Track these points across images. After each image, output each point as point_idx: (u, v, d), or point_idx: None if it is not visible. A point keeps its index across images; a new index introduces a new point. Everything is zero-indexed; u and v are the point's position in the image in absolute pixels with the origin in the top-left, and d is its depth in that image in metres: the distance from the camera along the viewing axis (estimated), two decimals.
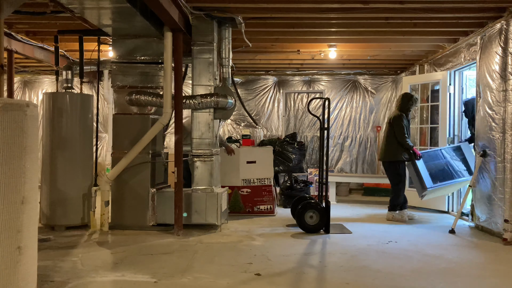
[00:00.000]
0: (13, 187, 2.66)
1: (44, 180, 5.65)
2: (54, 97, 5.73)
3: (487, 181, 5.64)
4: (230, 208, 6.68)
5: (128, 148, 5.58)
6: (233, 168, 6.82)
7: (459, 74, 7.14)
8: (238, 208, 6.82)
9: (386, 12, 5.57)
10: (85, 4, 4.60)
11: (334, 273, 3.97)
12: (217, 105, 5.62)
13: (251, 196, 6.83)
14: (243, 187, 6.84)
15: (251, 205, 6.84)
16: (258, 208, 6.83)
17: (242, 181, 6.85)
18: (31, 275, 2.86)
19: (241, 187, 6.84)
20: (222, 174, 6.52)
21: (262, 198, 6.84)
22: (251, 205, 6.84)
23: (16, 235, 2.68)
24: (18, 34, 6.76)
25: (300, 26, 6.33)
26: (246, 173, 6.86)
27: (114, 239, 5.18)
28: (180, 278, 3.75)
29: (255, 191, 6.84)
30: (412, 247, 4.95)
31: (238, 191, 6.83)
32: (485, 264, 4.40)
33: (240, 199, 6.82)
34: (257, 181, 6.85)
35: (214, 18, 5.68)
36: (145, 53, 5.81)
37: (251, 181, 6.86)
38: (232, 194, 6.76)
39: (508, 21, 5.28)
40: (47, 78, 10.23)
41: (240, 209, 6.81)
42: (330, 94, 9.92)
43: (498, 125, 5.40)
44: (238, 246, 4.88)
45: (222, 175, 6.52)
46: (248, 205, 6.83)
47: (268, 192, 6.85)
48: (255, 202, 6.85)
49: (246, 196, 6.83)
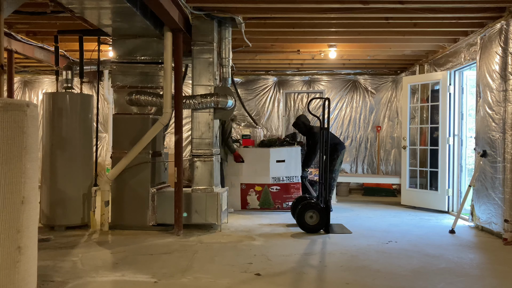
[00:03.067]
0: (13, 187, 2.66)
1: (44, 180, 5.65)
2: (54, 97, 5.73)
3: (487, 181, 5.64)
4: (260, 205, 7.18)
5: (128, 148, 5.58)
6: (263, 167, 7.20)
7: (459, 74, 7.14)
8: (268, 205, 7.16)
9: (386, 12, 5.57)
10: (85, 4, 4.60)
11: (334, 273, 3.97)
12: (217, 105, 5.63)
13: (280, 193, 7.18)
14: (273, 184, 7.19)
15: (281, 201, 7.15)
16: (287, 204, 7.11)
17: (272, 179, 7.19)
18: (31, 275, 2.86)
19: (271, 184, 7.19)
20: (253, 173, 7.18)
21: (291, 195, 7.16)
22: (281, 202, 7.15)
23: (16, 235, 2.68)
24: (18, 34, 6.77)
25: (300, 26, 6.33)
26: (276, 171, 7.20)
27: (114, 239, 5.18)
28: (180, 278, 3.75)
29: (284, 188, 7.19)
30: (412, 247, 4.95)
31: (268, 188, 7.15)
32: (485, 264, 4.40)
33: (270, 196, 7.15)
34: (286, 178, 7.19)
35: (214, 18, 5.69)
36: (145, 53, 5.81)
37: (280, 178, 7.19)
38: (262, 192, 7.11)
39: (508, 21, 5.28)
40: (47, 78, 10.23)
41: (270, 205, 7.14)
42: (330, 94, 9.92)
43: (498, 125, 5.40)
44: (238, 246, 4.88)
45: (253, 173, 7.18)
46: (277, 201, 7.15)
47: (296, 189, 7.17)
48: (284, 199, 7.17)
49: (275, 193, 7.16)
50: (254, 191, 7.16)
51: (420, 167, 8.03)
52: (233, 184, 7.20)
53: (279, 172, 7.19)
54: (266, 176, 7.18)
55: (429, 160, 7.68)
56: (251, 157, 7.24)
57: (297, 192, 7.13)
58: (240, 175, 7.19)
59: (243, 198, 7.20)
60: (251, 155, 7.26)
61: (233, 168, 7.23)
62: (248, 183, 7.18)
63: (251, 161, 7.20)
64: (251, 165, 7.19)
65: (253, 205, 7.17)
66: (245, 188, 7.16)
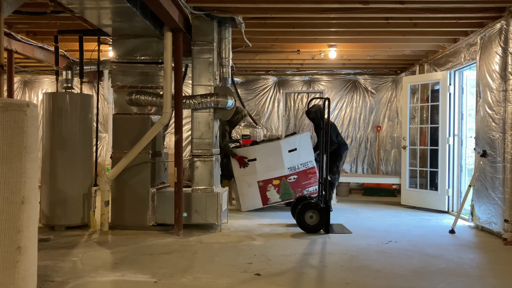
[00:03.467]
0: (13, 187, 2.66)
1: (44, 180, 5.65)
2: (54, 97, 5.73)
3: (487, 181, 5.64)
4: (281, 197, 7.07)
5: (128, 148, 5.58)
6: (277, 160, 7.09)
7: (459, 74, 7.14)
8: (289, 195, 7.06)
9: (386, 12, 5.57)
10: (85, 4, 4.60)
11: (334, 273, 3.97)
12: (217, 105, 5.63)
13: (299, 181, 7.10)
14: (289, 175, 7.10)
15: (301, 189, 7.10)
16: (308, 190, 7.08)
17: (287, 169, 7.09)
18: (31, 275, 2.86)
19: (288, 175, 7.10)
20: (267, 168, 7.05)
21: (309, 181, 7.10)
22: (301, 189, 7.10)
23: (16, 235, 2.68)
24: (18, 34, 6.77)
25: (300, 26, 6.33)
26: (290, 161, 7.12)
27: (114, 239, 5.18)
28: (180, 278, 3.75)
29: (301, 176, 7.11)
30: (412, 247, 4.95)
31: (286, 179, 7.09)
32: (485, 264, 4.40)
33: (289, 187, 7.08)
34: (301, 166, 7.12)
35: (214, 18, 5.69)
36: (145, 53, 5.81)
37: (296, 167, 7.12)
38: (280, 185, 7.06)
39: (508, 21, 5.28)
40: (47, 78, 10.23)
41: (291, 196, 7.04)
42: (330, 94, 9.92)
43: (498, 125, 5.40)
44: (238, 246, 4.88)
45: (267, 169, 7.05)
46: (297, 190, 7.09)
47: (313, 174, 7.12)
48: (303, 186, 7.11)
49: (294, 182, 7.10)
50: (272, 185, 7.08)
51: (420, 167, 8.03)
52: (250, 183, 7.05)
53: (293, 161, 7.10)
54: (281, 169, 7.07)
55: (429, 160, 7.69)
56: (262, 153, 7.12)
57: (315, 177, 7.04)
58: (255, 174, 7.05)
59: (263, 195, 7.07)
60: (262, 152, 7.14)
61: (246, 168, 7.06)
62: (265, 179, 7.05)
63: (263, 157, 7.09)
64: (263, 161, 7.07)
65: (273, 200, 7.08)
66: (263, 185, 7.06)
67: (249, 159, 7.08)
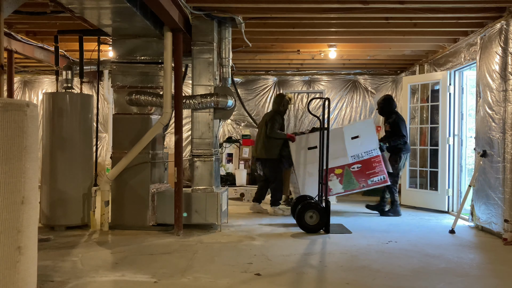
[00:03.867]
0: (13, 187, 2.66)
1: (44, 180, 5.65)
2: (54, 97, 5.73)
3: (487, 181, 5.63)
4: (344, 188, 6.67)
5: (128, 148, 5.58)
6: (339, 147, 6.64)
7: (459, 74, 7.14)
8: (352, 186, 6.68)
9: (386, 12, 5.57)
10: (85, 4, 4.60)
11: (334, 273, 3.97)
12: (217, 105, 5.63)
13: (363, 171, 6.67)
14: (353, 163, 6.68)
15: (365, 179, 6.69)
16: (373, 181, 6.67)
17: (351, 158, 6.66)
18: (31, 275, 2.86)
19: (351, 164, 6.68)
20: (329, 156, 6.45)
21: (374, 170, 6.66)
22: (365, 179, 6.69)
23: (16, 235, 2.68)
24: (18, 34, 6.76)
25: (300, 26, 6.33)
26: (353, 149, 6.68)
27: (114, 239, 5.18)
28: (180, 278, 3.75)
29: (365, 164, 6.67)
30: (412, 247, 4.95)
31: (349, 168, 6.67)
32: (485, 264, 4.40)
33: (353, 177, 6.69)
34: (365, 154, 6.67)
35: (214, 18, 5.68)
36: (145, 53, 5.81)
37: (359, 155, 6.67)
38: (343, 174, 6.66)
39: (508, 21, 5.28)
40: (47, 78, 10.23)
41: (355, 186, 6.67)
42: (330, 94, 9.91)
43: (498, 125, 5.40)
44: (238, 246, 4.88)
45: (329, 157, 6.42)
46: (361, 180, 6.68)
47: (378, 163, 6.66)
48: (368, 176, 6.68)
49: (357, 172, 6.67)
50: (334, 175, 6.65)
51: (420, 167, 8.03)
52: (311, 173, 6.66)
53: (356, 149, 6.64)
54: (344, 157, 6.62)
55: (429, 160, 7.68)
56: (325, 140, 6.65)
57: (380, 166, 6.62)
58: (316, 162, 6.56)
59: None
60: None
61: (306, 156, 6.72)
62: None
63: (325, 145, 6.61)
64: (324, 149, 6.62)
65: (336, 190, 6.69)
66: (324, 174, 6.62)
67: (310, 147, 6.71)
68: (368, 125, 6.86)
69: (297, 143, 6.80)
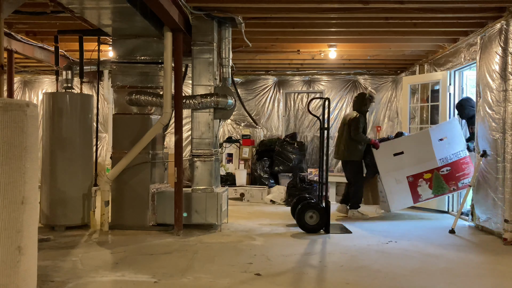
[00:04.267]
0: (13, 187, 2.66)
1: (44, 180, 5.65)
2: (54, 97, 5.73)
3: (487, 181, 5.63)
4: (434, 193, 6.51)
5: (128, 148, 5.58)
6: (426, 150, 6.46)
7: (459, 74, 7.14)
8: (442, 190, 6.50)
9: (386, 12, 5.57)
10: (85, 4, 4.60)
11: (334, 273, 3.97)
12: (217, 105, 5.62)
13: (452, 173, 6.46)
14: (441, 167, 6.46)
15: (455, 182, 6.46)
16: (463, 183, 6.43)
17: (439, 161, 6.46)
18: (31, 275, 2.86)
19: (440, 167, 6.46)
20: (416, 161, 6.45)
21: (464, 172, 6.44)
22: (455, 182, 6.46)
23: (16, 235, 2.68)
24: (18, 34, 6.76)
25: (300, 26, 6.33)
26: (441, 152, 6.47)
27: (114, 239, 5.18)
28: (180, 278, 3.75)
29: (455, 167, 6.47)
30: (412, 247, 4.95)
31: (438, 172, 6.46)
32: (485, 264, 4.40)
33: (442, 180, 6.46)
34: (453, 156, 6.46)
35: (214, 18, 5.68)
36: (145, 53, 5.81)
37: (448, 158, 6.47)
38: (432, 178, 6.48)
39: (508, 21, 5.28)
40: (47, 78, 10.22)
41: (445, 190, 6.51)
42: (330, 94, 9.91)
43: (498, 125, 5.39)
44: (238, 246, 4.88)
45: (416, 162, 6.44)
46: (451, 183, 6.47)
47: (467, 164, 6.47)
48: (457, 178, 6.46)
49: (447, 175, 6.46)
50: (423, 180, 6.46)
51: None
52: (398, 179, 6.49)
53: (444, 151, 6.43)
54: (432, 160, 6.42)
55: None
56: (409, 145, 6.56)
57: (469, 167, 6.40)
58: (403, 168, 6.48)
59: (414, 191, 6.48)
60: (408, 143, 6.60)
61: (392, 163, 6.54)
62: (415, 174, 6.45)
63: (410, 149, 6.50)
64: (411, 153, 6.48)
65: (426, 196, 6.50)
66: (413, 180, 6.48)
67: (395, 153, 6.55)
68: (455, 125, 6.61)
69: (382, 150, 6.62)
